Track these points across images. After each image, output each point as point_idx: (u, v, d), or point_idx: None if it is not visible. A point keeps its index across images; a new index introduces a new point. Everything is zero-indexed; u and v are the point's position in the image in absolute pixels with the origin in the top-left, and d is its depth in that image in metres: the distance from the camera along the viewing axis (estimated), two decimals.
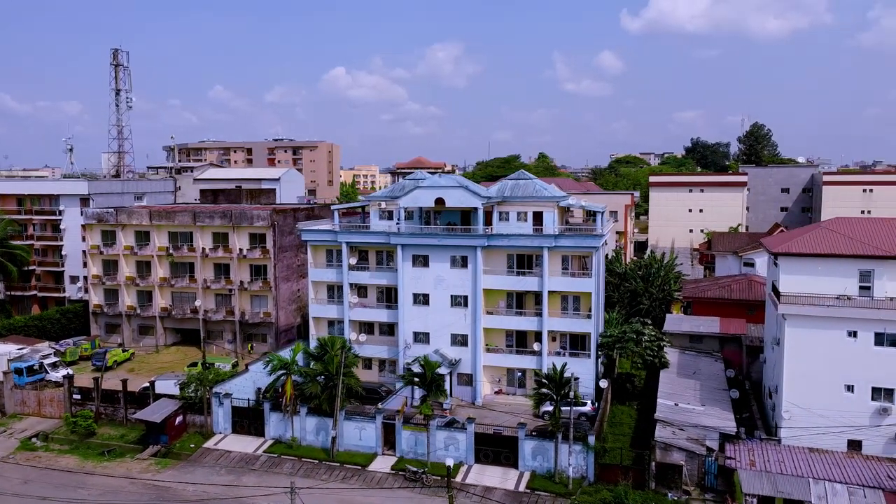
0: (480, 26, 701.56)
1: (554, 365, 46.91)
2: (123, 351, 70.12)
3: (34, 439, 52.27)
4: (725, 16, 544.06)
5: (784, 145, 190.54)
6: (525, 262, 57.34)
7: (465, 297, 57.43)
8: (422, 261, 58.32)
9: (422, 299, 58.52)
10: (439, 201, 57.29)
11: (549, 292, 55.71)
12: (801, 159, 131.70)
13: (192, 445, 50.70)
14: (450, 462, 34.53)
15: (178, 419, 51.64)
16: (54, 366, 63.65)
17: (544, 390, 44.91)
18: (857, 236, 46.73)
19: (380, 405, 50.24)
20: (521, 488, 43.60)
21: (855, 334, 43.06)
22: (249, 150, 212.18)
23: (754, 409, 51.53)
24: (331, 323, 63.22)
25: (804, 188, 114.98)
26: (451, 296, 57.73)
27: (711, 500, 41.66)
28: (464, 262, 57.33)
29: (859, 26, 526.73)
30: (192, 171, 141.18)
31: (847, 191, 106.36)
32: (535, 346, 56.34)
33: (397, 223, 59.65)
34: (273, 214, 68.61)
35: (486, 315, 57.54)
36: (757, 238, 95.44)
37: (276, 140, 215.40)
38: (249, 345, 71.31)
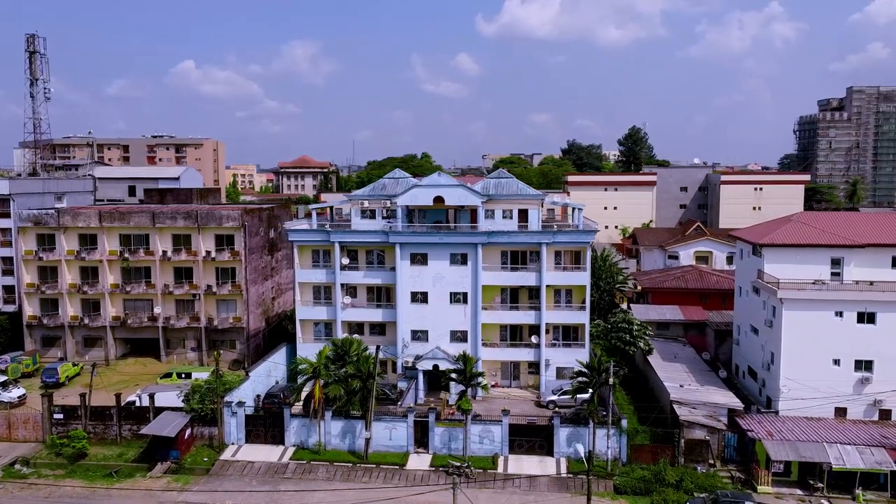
0: (338, 25, 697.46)
1: (592, 353, 49.20)
2: (74, 365, 64.20)
3: (17, 466, 47.01)
4: (572, 24, 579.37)
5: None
6: (518, 258, 59.23)
7: (465, 294, 58.39)
8: (420, 259, 58.57)
9: (420, 297, 58.78)
10: (438, 199, 57.90)
11: (546, 286, 58.02)
12: (696, 160, 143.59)
13: (204, 459, 47.92)
14: (580, 449, 35.45)
15: (187, 432, 48.62)
16: (4, 385, 57.40)
17: (582, 378, 47.01)
18: (826, 228, 53.12)
19: (411, 405, 50.12)
20: (563, 474, 45.48)
21: (841, 314, 48.93)
22: (126, 148, 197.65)
23: (737, 386, 56.84)
24: (316, 324, 61.89)
25: (700, 187, 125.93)
26: (451, 293, 58.48)
27: (736, 469, 45.81)
28: (463, 260, 58.29)
29: (689, 40, 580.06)
30: (76, 170, 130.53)
31: (740, 189, 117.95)
32: (534, 339, 58.38)
33: (389, 222, 59.50)
34: (244, 214, 65.70)
35: (483, 311, 58.84)
36: (676, 234, 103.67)
37: (155, 136, 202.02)
38: (216, 352, 67.54)
